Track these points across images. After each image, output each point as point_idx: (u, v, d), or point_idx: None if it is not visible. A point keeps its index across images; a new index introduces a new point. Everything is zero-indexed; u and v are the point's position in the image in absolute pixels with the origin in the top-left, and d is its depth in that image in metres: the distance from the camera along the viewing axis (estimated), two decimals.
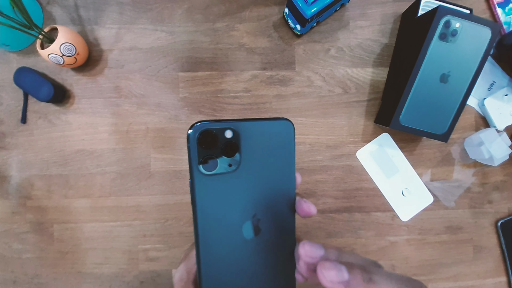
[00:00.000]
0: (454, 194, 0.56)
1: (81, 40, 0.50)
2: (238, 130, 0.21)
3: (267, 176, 0.22)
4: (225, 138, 0.21)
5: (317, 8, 0.47)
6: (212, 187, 0.21)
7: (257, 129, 0.22)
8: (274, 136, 0.22)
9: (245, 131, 0.21)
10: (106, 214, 0.54)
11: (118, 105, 0.54)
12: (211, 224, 0.21)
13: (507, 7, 0.54)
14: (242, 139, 0.21)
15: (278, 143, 0.22)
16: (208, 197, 0.21)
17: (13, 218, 0.54)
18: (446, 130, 0.49)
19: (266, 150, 0.22)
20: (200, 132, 0.20)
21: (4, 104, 0.54)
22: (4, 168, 0.54)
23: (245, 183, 0.22)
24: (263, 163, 0.22)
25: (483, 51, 0.45)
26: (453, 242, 0.56)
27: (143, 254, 0.55)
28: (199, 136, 0.20)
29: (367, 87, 0.55)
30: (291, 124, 0.22)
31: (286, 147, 0.23)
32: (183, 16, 0.54)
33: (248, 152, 0.21)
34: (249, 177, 0.22)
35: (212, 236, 0.21)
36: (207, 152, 0.20)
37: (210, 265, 0.22)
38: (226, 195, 0.21)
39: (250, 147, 0.21)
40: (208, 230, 0.21)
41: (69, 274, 0.55)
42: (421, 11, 0.50)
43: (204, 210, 0.21)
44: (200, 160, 0.20)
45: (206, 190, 0.21)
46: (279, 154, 0.22)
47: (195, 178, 0.20)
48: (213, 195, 0.21)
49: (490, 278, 0.56)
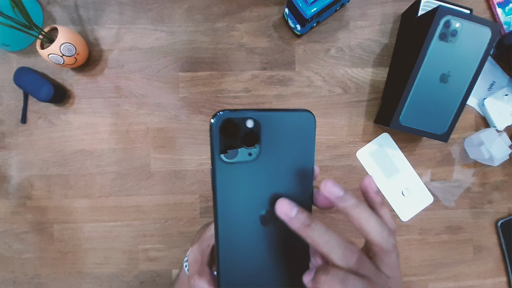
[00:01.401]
0: (454, 194, 0.56)
1: (81, 40, 0.50)
2: (259, 120, 0.21)
3: (286, 167, 0.23)
4: (246, 127, 0.21)
5: (317, 8, 0.47)
6: (232, 175, 0.21)
7: (278, 120, 0.22)
8: (295, 127, 0.22)
9: (266, 121, 0.21)
10: (106, 214, 0.54)
11: (118, 105, 0.54)
12: (230, 210, 0.22)
13: (507, 7, 0.54)
14: (263, 129, 0.21)
15: (298, 134, 0.22)
16: (228, 185, 0.21)
17: (13, 218, 0.54)
18: (446, 130, 0.49)
19: (286, 141, 0.22)
20: (223, 121, 0.20)
21: (4, 104, 0.54)
22: (4, 168, 0.54)
23: (264, 173, 0.22)
24: (282, 154, 0.22)
25: (483, 51, 0.45)
26: (453, 242, 0.56)
27: (143, 254, 0.55)
28: (221, 125, 0.20)
29: (367, 87, 0.55)
30: (312, 115, 0.23)
31: (306, 139, 0.23)
32: (183, 16, 0.54)
33: (269, 142, 0.22)
34: (268, 166, 0.22)
35: (230, 222, 0.22)
36: (228, 141, 0.21)
37: (228, 251, 0.22)
38: (245, 183, 0.22)
39: (270, 137, 0.22)
40: (227, 216, 0.22)
41: (69, 274, 0.55)
42: (421, 11, 0.50)
43: (223, 196, 0.21)
44: (221, 148, 0.21)
45: (226, 178, 0.21)
46: (299, 145, 0.23)
47: (216, 165, 0.21)
48: (233, 183, 0.21)
49: (490, 278, 0.56)
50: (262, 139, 0.21)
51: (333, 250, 0.19)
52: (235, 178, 0.21)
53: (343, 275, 0.19)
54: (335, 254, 0.19)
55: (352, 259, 0.19)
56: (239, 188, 0.22)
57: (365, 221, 0.20)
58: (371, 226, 0.20)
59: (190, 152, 0.54)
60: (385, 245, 0.20)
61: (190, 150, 0.54)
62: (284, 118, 0.22)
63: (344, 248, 0.20)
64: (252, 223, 0.22)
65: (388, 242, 0.20)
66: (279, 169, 0.22)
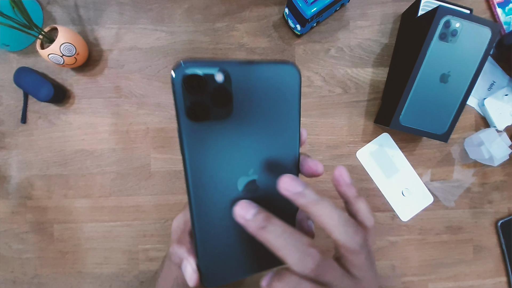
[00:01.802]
0: (454, 194, 0.56)
1: (81, 40, 0.50)
2: (230, 73, 0.18)
3: (266, 129, 0.20)
4: (215, 82, 0.18)
5: (317, 8, 0.47)
6: (202, 137, 0.19)
7: (254, 73, 0.19)
8: (275, 83, 0.19)
9: (240, 75, 0.18)
10: (106, 214, 0.54)
11: (118, 105, 0.54)
12: (203, 178, 0.19)
13: (507, 7, 0.54)
14: (235, 84, 0.18)
15: (279, 91, 0.19)
16: (198, 148, 0.19)
17: (13, 218, 0.54)
18: (446, 130, 0.49)
19: (265, 99, 0.19)
20: (186, 75, 0.17)
21: (4, 104, 0.54)
22: (4, 168, 0.54)
23: (240, 136, 0.19)
24: (261, 114, 0.19)
25: (483, 51, 0.45)
26: (453, 242, 0.56)
27: (143, 254, 0.55)
28: (184, 79, 0.17)
29: (367, 87, 0.55)
30: (296, 69, 0.20)
31: (289, 97, 0.20)
32: (183, 16, 0.54)
33: (243, 99, 0.19)
34: (244, 129, 0.19)
35: (204, 189, 0.20)
36: (195, 98, 0.18)
37: (204, 219, 0.20)
38: (219, 147, 0.19)
39: (245, 94, 0.19)
40: (201, 184, 0.19)
41: (69, 274, 0.55)
42: (421, 11, 0.50)
43: (194, 162, 0.19)
44: (186, 106, 0.18)
45: (196, 140, 0.18)
46: (280, 104, 0.20)
47: (182, 126, 0.18)
48: (204, 146, 0.19)
49: (490, 278, 0.56)
50: (234, 96, 0.18)
51: (289, 254, 0.18)
52: (206, 141, 0.19)
53: (297, 283, 0.18)
54: (292, 258, 0.18)
55: (309, 264, 0.18)
56: (212, 153, 0.19)
57: (327, 219, 0.18)
58: (333, 224, 0.18)
59: None
60: (350, 244, 0.18)
61: None
62: (261, 71, 0.19)
63: (302, 252, 0.18)
64: (229, 191, 0.20)
65: (353, 242, 0.18)
66: (257, 131, 0.20)
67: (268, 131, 0.20)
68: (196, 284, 0.21)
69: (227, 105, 0.18)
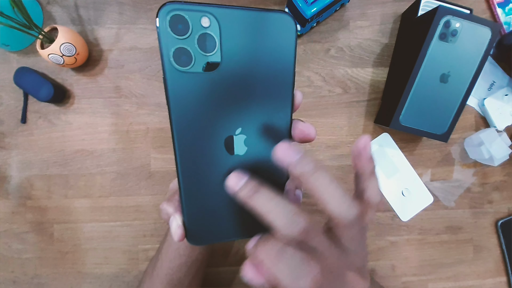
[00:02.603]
0: (454, 194, 0.56)
1: (81, 40, 0.50)
2: (218, 19, 0.17)
3: (256, 86, 0.18)
4: (201, 27, 0.17)
5: (317, 8, 0.47)
6: (188, 88, 0.17)
7: (246, 22, 0.17)
8: (269, 35, 0.18)
9: (229, 22, 0.17)
10: (106, 214, 0.54)
11: (118, 105, 0.54)
12: (188, 131, 0.18)
13: (507, 7, 0.54)
14: (223, 31, 0.17)
15: (273, 44, 0.18)
16: (183, 99, 0.18)
17: (13, 218, 0.54)
18: (446, 130, 0.49)
19: (257, 52, 0.18)
20: (171, 16, 0.16)
21: (4, 104, 0.54)
22: (4, 168, 0.54)
23: (227, 90, 0.18)
24: (251, 68, 0.18)
25: (483, 51, 0.45)
26: (453, 242, 0.56)
27: (143, 254, 0.55)
28: (169, 20, 0.16)
29: (367, 87, 0.55)
30: (291, 19, 0.18)
31: (283, 51, 0.18)
32: None
33: (232, 50, 0.17)
34: (232, 82, 0.18)
35: (189, 145, 0.19)
36: (180, 42, 0.17)
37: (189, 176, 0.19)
38: (204, 100, 0.18)
39: (234, 44, 0.17)
40: (185, 138, 0.18)
41: (69, 274, 0.55)
42: (421, 11, 0.50)
43: (179, 112, 0.18)
44: (172, 51, 0.17)
45: (181, 90, 0.17)
46: (273, 59, 0.18)
47: (167, 74, 0.17)
48: (189, 98, 0.18)
49: (490, 278, 0.56)
50: (223, 45, 0.17)
51: (277, 219, 0.17)
52: (191, 92, 0.18)
53: (282, 245, 0.17)
54: (279, 222, 0.17)
55: (298, 227, 0.17)
56: (197, 106, 0.18)
57: (323, 189, 0.17)
58: (329, 194, 0.17)
59: None
60: (344, 216, 0.17)
61: None
62: (254, 21, 0.17)
63: (291, 216, 0.17)
64: (216, 149, 0.19)
65: (348, 213, 0.18)
66: (246, 87, 0.18)
67: (259, 88, 0.19)
68: (180, 238, 0.21)
69: (213, 53, 0.17)
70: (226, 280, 0.55)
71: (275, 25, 0.18)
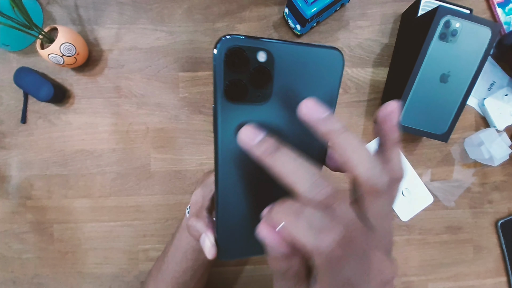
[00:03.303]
0: (454, 194, 0.56)
1: (81, 40, 0.50)
2: (273, 53, 0.17)
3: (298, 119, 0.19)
4: (257, 61, 0.17)
5: (317, 8, 0.47)
6: (236, 117, 0.18)
7: (298, 57, 0.17)
8: (317, 68, 0.18)
9: (283, 56, 0.17)
10: (106, 214, 0.54)
11: (118, 105, 0.54)
12: (232, 158, 0.19)
13: (507, 7, 0.54)
14: (277, 65, 0.17)
15: (320, 77, 0.18)
16: (231, 128, 0.18)
17: (13, 218, 0.54)
18: (446, 130, 0.49)
19: (304, 84, 0.18)
20: (229, 49, 0.16)
21: (4, 104, 0.54)
22: (4, 168, 0.54)
23: (274, 120, 0.18)
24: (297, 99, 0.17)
25: (483, 51, 0.45)
26: (453, 242, 0.56)
27: (143, 254, 0.55)
28: (226, 54, 0.16)
29: (367, 87, 0.55)
30: (340, 55, 0.18)
31: (329, 84, 0.19)
32: (183, 16, 0.54)
33: (283, 84, 0.18)
34: (279, 114, 0.18)
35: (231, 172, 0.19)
36: (235, 75, 0.17)
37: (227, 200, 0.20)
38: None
39: (286, 78, 0.17)
40: (228, 165, 0.19)
41: (69, 274, 0.55)
42: (421, 11, 0.50)
43: (226, 142, 0.18)
44: (225, 84, 0.17)
45: (229, 120, 0.17)
46: (319, 91, 0.18)
47: (218, 105, 0.17)
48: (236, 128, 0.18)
49: (490, 278, 0.56)
50: (275, 79, 0.17)
51: (299, 182, 0.15)
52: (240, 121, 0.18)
53: (300, 205, 0.16)
54: (303, 185, 0.15)
55: (322, 192, 0.15)
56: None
57: (352, 150, 0.16)
58: (359, 157, 0.16)
59: (190, 152, 0.54)
60: (374, 182, 0.16)
61: (190, 150, 0.54)
62: (306, 56, 0.18)
63: (316, 178, 0.15)
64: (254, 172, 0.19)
65: (379, 179, 0.16)
66: (291, 119, 0.18)
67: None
68: (213, 256, 0.22)
69: (266, 88, 0.17)
70: (228, 280, 0.55)
71: (325, 60, 0.18)
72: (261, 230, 0.16)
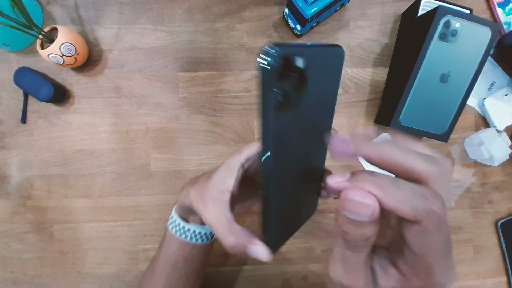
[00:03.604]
0: (454, 194, 0.56)
1: (81, 40, 0.50)
2: (308, 59, 0.17)
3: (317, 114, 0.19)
4: (298, 68, 0.16)
5: (317, 8, 0.47)
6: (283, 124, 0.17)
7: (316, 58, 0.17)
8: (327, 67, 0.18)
9: (313, 60, 0.17)
10: (106, 214, 0.54)
11: (118, 105, 0.54)
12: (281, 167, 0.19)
13: (507, 7, 0.54)
14: (309, 70, 0.17)
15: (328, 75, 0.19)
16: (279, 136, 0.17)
17: (13, 218, 0.54)
18: (446, 130, 0.49)
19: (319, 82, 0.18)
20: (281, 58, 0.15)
21: (4, 104, 0.54)
22: (4, 168, 0.54)
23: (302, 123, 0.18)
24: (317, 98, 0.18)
25: (483, 51, 0.45)
26: (453, 242, 0.56)
27: (143, 254, 0.55)
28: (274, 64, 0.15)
29: (367, 87, 0.55)
30: (342, 51, 0.19)
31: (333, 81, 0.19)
32: (183, 16, 0.54)
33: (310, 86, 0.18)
34: (307, 114, 0.18)
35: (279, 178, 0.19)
36: (283, 85, 0.16)
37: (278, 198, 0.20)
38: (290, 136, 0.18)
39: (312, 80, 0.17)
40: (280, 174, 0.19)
41: (69, 274, 0.55)
42: (421, 11, 0.50)
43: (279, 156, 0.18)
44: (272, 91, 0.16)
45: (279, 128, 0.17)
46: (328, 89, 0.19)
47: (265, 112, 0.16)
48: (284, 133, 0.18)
49: (490, 278, 0.56)
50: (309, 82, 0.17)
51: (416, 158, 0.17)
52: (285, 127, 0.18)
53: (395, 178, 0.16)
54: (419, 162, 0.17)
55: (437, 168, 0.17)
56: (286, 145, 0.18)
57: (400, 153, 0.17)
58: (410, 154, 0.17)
59: (190, 152, 0.54)
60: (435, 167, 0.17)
61: (190, 150, 0.54)
62: (320, 55, 0.18)
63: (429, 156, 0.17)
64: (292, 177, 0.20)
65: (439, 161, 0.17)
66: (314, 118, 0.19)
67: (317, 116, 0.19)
68: (270, 258, 0.22)
69: (303, 91, 0.17)
70: (228, 280, 0.55)
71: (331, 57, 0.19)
72: (355, 193, 0.16)
